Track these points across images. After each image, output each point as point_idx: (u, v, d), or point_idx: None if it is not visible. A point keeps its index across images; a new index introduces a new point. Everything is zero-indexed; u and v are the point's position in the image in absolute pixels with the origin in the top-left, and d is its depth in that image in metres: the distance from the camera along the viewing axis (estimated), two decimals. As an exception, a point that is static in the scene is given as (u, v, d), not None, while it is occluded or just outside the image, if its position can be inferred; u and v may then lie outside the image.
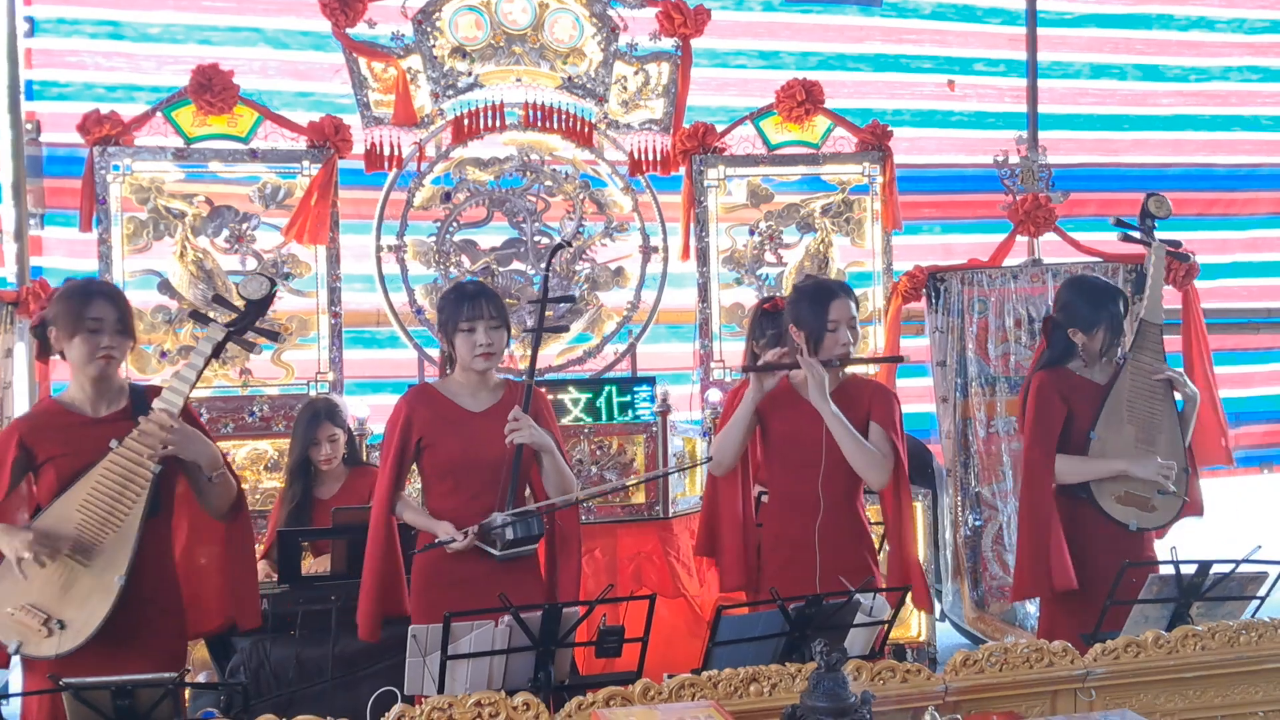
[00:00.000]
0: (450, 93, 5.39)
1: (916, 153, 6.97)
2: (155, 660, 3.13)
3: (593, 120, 5.52)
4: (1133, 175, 7.43)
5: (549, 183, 5.53)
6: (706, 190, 5.57)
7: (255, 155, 5.18)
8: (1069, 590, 3.87)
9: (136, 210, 5.10)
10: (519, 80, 5.45)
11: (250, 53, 6.23)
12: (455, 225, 5.45)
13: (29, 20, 5.98)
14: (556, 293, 5.26)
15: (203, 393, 4.97)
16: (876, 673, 2.61)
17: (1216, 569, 3.17)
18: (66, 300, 3.24)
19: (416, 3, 5.35)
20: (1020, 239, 5.75)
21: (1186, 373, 4.39)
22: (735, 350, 5.22)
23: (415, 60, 5.35)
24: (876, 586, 3.32)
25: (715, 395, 5.38)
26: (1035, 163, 5.69)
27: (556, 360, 5.56)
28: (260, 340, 3.53)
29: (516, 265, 5.51)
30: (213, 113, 5.10)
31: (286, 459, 4.71)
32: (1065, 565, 3.89)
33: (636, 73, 5.58)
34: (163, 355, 5.11)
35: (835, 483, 3.64)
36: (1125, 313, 4.09)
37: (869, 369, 5.19)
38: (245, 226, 5.19)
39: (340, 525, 4.09)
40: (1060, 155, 6.34)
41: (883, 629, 3.07)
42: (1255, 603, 3.24)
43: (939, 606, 5.63)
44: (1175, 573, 3.16)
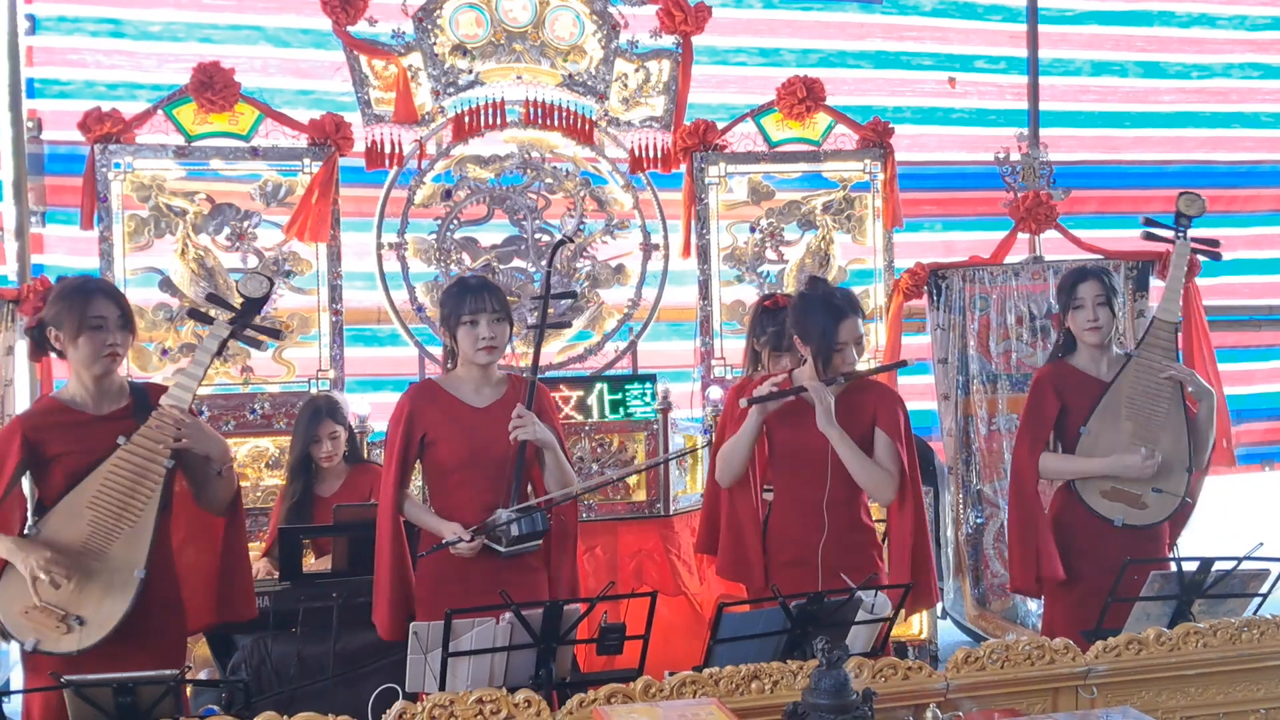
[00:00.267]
0: (451, 90, 5.38)
1: (917, 150, 6.96)
2: (157, 656, 3.14)
3: (593, 117, 5.51)
4: (1134, 172, 7.43)
5: (550, 180, 5.52)
6: (707, 187, 5.57)
7: (256, 153, 5.18)
8: (1056, 579, 3.92)
9: (138, 208, 5.10)
10: (520, 78, 5.44)
11: (251, 51, 6.22)
12: (456, 223, 5.45)
13: (30, 18, 5.97)
14: (558, 289, 5.25)
15: (204, 390, 4.96)
16: (878, 670, 2.61)
17: (1218, 566, 3.17)
18: (67, 300, 3.24)
19: (417, 0, 5.34)
20: (1021, 236, 5.75)
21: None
22: (736, 348, 5.22)
23: (416, 58, 5.35)
24: (878, 584, 3.33)
25: (716, 392, 5.38)
26: (1036, 160, 5.69)
27: (557, 358, 5.56)
28: (264, 338, 3.54)
29: (517, 263, 5.51)
30: (214, 111, 5.10)
31: (287, 456, 4.71)
32: (1052, 555, 3.94)
33: (637, 70, 5.57)
34: (164, 353, 5.11)
35: (840, 489, 3.65)
36: (1114, 292, 4.05)
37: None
38: (246, 224, 5.19)
39: (341, 522, 4.09)
40: (1061, 152, 6.33)
41: (884, 626, 3.08)
42: (1257, 600, 3.25)
43: (940, 604, 5.62)
44: (1177, 570, 3.16)
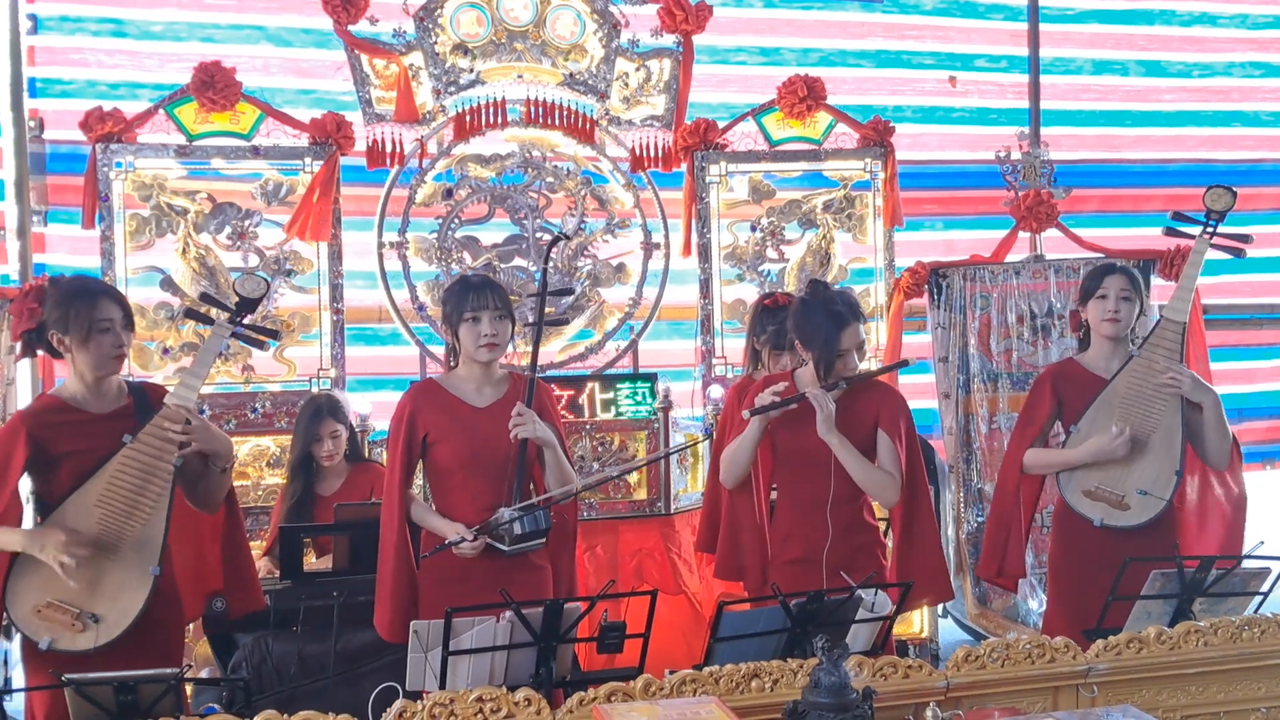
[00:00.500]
0: (452, 89, 5.39)
1: (918, 149, 6.96)
2: (156, 653, 3.15)
3: (594, 116, 5.51)
4: (1135, 171, 7.43)
5: (550, 179, 5.52)
6: (708, 186, 5.57)
7: (257, 152, 5.18)
8: (1017, 576, 4.08)
9: (139, 207, 5.10)
10: (520, 77, 5.44)
11: (252, 50, 6.22)
12: (457, 222, 5.45)
13: (32, 18, 5.98)
14: (555, 286, 5.26)
15: (205, 389, 4.95)
16: (878, 668, 2.61)
17: (1219, 565, 3.17)
18: (74, 304, 3.24)
19: (418, 0, 5.35)
20: (1022, 235, 5.75)
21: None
22: (737, 346, 5.22)
23: (417, 57, 5.35)
24: (879, 582, 3.33)
25: (717, 391, 5.38)
26: (1037, 158, 5.69)
27: (558, 357, 5.56)
28: (262, 338, 3.54)
29: (518, 262, 5.51)
30: (215, 110, 5.10)
31: (288, 455, 4.72)
32: (1019, 553, 4.01)
33: (638, 69, 5.57)
34: (165, 352, 5.11)
35: (843, 490, 3.65)
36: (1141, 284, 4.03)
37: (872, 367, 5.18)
38: (247, 223, 5.19)
39: (342, 521, 4.09)
40: (1062, 151, 6.33)
41: (885, 625, 3.08)
42: (1258, 599, 3.25)
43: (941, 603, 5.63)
44: (1178, 568, 3.16)
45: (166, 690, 2.63)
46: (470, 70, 5.40)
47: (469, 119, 5.40)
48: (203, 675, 4.40)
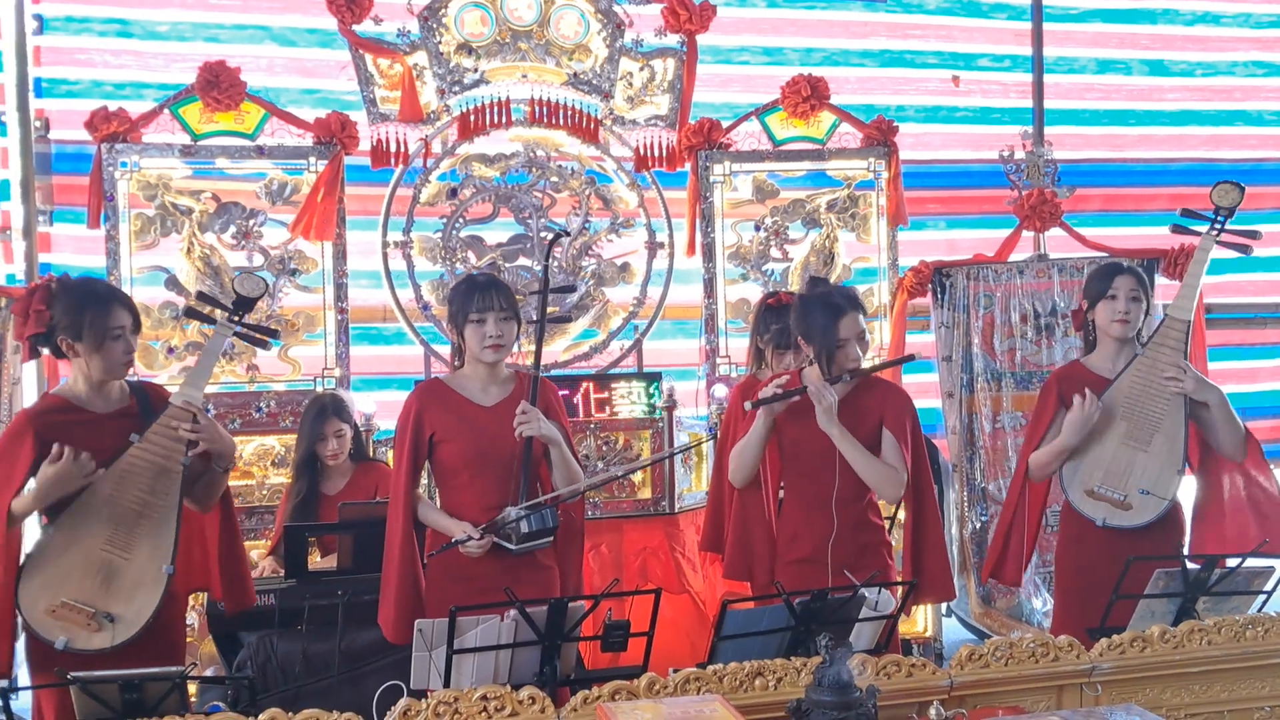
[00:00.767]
0: (456, 89, 5.39)
1: (921, 148, 6.95)
2: (162, 650, 3.16)
3: (598, 116, 5.52)
4: (1138, 170, 7.42)
5: (555, 179, 5.53)
6: (712, 186, 5.58)
7: (262, 152, 5.19)
8: (1012, 584, 4.12)
9: (144, 207, 5.12)
10: (525, 76, 5.45)
11: (257, 50, 6.23)
12: (461, 221, 5.46)
13: (38, 18, 5.99)
14: (557, 284, 5.26)
15: (210, 388, 4.98)
16: (882, 667, 2.61)
17: (1223, 564, 3.17)
18: (88, 311, 3.24)
19: (422, 0, 5.36)
20: (1026, 234, 5.75)
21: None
22: (741, 346, 5.22)
23: (421, 57, 5.36)
24: (883, 580, 3.33)
25: (721, 390, 5.38)
26: (1041, 158, 5.69)
27: (563, 356, 5.57)
28: (262, 337, 3.55)
29: (523, 261, 5.52)
30: (220, 110, 5.11)
31: (293, 454, 4.72)
32: (1017, 564, 4.03)
33: (642, 69, 5.58)
34: (170, 351, 5.13)
35: (849, 488, 3.65)
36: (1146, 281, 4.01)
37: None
38: (252, 223, 5.20)
39: (347, 521, 4.10)
40: (1066, 150, 6.32)
41: (888, 623, 3.08)
42: (1261, 597, 3.24)
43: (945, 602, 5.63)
44: (1182, 568, 3.16)
45: (172, 688, 2.63)
46: (474, 70, 5.41)
47: (473, 118, 5.41)
48: (208, 674, 4.41)
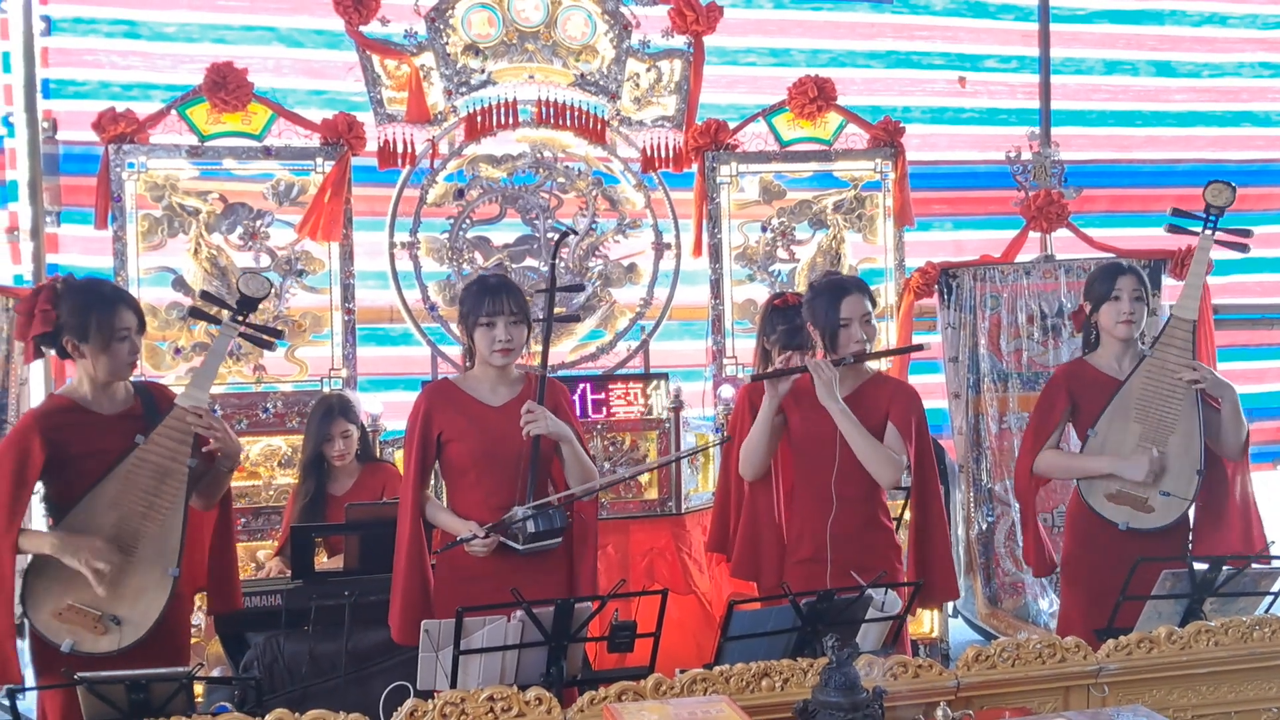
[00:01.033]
0: (463, 90, 5.40)
1: (928, 149, 6.95)
2: (169, 651, 3.17)
3: (605, 117, 5.52)
4: (1145, 171, 7.42)
5: (562, 179, 5.54)
6: (719, 187, 5.58)
7: (269, 153, 5.20)
8: (1051, 570, 4.19)
9: (151, 207, 5.12)
10: (532, 77, 5.45)
11: (264, 51, 6.25)
12: (468, 222, 5.47)
13: (46, 19, 6.01)
14: (564, 283, 5.27)
15: (217, 389, 4.99)
16: (888, 668, 2.61)
17: (1230, 565, 3.16)
18: (94, 312, 3.25)
19: (429, 0, 5.36)
20: (1032, 235, 5.75)
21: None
22: (747, 347, 5.22)
23: (428, 57, 5.37)
24: (889, 581, 3.32)
25: (728, 391, 5.38)
26: (1047, 159, 5.69)
27: (570, 356, 5.57)
28: (266, 337, 3.56)
29: (530, 262, 5.52)
30: (227, 110, 5.12)
31: (300, 455, 4.73)
32: (1043, 546, 4.13)
33: (649, 70, 5.58)
34: (177, 351, 5.13)
35: (852, 482, 3.64)
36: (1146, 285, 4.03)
37: (883, 363, 5.17)
38: (259, 223, 5.21)
39: (354, 521, 4.10)
40: (1072, 151, 6.33)
41: (895, 624, 3.08)
42: (1269, 598, 3.24)
43: (951, 603, 5.62)
44: (1189, 569, 3.15)
45: (178, 689, 2.64)
46: (481, 71, 5.41)
47: (480, 119, 5.41)
48: (214, 674, 4.41)
